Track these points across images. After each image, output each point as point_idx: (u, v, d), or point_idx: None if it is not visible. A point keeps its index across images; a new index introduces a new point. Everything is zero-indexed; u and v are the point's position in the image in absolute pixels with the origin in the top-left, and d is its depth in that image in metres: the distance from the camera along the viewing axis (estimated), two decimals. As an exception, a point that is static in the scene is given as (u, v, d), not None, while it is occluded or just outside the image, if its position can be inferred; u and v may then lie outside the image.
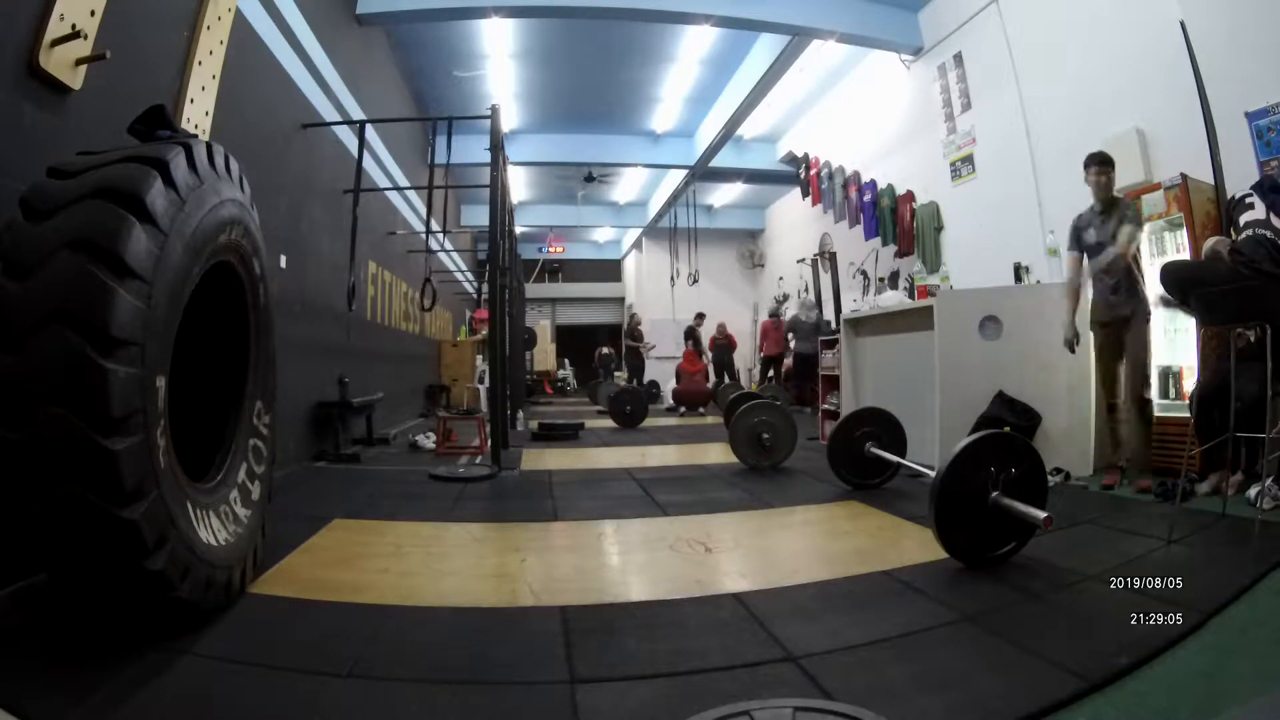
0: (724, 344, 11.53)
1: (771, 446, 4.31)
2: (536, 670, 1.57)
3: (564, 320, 18.80)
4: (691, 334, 11.76)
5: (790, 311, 10.83)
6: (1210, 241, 3.39)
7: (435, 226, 6.31)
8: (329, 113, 5.20)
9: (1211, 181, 3.99)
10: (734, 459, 4.48)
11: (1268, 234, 3.35)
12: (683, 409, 9.33)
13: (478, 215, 12.17)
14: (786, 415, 4.47)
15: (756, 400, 4.99)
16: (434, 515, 3.19)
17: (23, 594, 1.84)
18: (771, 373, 10.58)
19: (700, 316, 12.09)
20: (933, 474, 2.99)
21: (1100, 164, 3.54)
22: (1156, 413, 3.60)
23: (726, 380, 11.01)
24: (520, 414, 7.98)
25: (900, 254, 8.18)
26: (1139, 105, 4.67)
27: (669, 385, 10.34)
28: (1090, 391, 3.83)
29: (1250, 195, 3.71)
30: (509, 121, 9.73)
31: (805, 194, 10.59)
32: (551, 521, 3.16)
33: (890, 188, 8.33)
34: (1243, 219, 3.81)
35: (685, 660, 1.60)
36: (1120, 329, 3.50)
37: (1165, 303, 3.41)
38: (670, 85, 9.41)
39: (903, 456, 3.55)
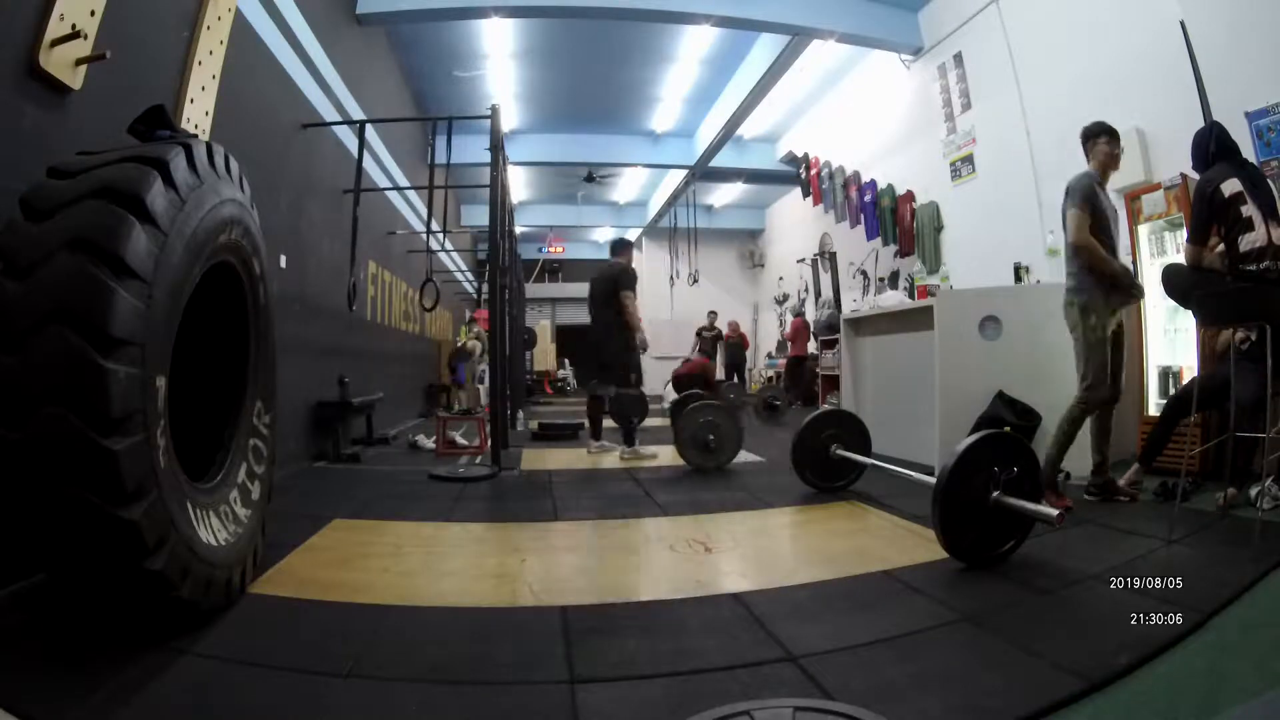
0: (736, 341, 11.50)
1: (717, 448, 4.37)
2: (536, 670, 1.57)
3: (564, 320, 18.78)
4: (699, 334, 11.76)
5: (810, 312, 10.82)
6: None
7: (435, 226, 6.31)
8: (329, 113, 5.20)
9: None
10: (734, 459, 4.48)
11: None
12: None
13: (478, 215, 12.17)
14: (732, 416, 4.51)
15: (702, 401, 4.93)
16: (434, 515, 3.19)
17: (23, 594, 1.84)
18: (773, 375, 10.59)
19: (712, 314, 12.07)
20: (911, 473, 3.02)
21: (1114, 135, 3.29)
22: (1154, 412, 3.58)
23: (735, 379, 10.98)
24: (520, 414, 7.97)
25: (900, 254, 8.18)
26: (1139, 105, 4.67)
27: (668, 386, 10.29)
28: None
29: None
30: (509, 121, 9.73)
31: (805, 194, 10.60)
32: (552, 521, 3.16)
33: (890, 188, 8.34)
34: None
35: (685, 660, 1.60)
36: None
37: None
38: (670, 85, 9.41)
39: (868, 456, 3.55)
